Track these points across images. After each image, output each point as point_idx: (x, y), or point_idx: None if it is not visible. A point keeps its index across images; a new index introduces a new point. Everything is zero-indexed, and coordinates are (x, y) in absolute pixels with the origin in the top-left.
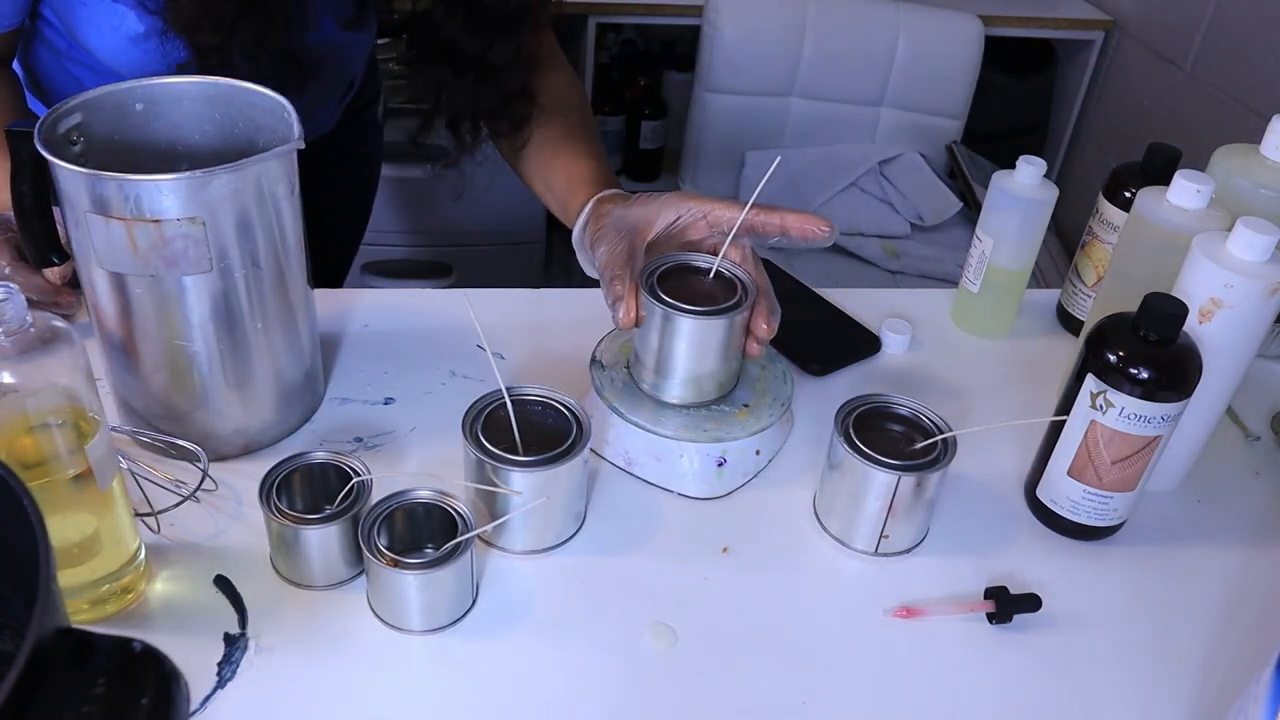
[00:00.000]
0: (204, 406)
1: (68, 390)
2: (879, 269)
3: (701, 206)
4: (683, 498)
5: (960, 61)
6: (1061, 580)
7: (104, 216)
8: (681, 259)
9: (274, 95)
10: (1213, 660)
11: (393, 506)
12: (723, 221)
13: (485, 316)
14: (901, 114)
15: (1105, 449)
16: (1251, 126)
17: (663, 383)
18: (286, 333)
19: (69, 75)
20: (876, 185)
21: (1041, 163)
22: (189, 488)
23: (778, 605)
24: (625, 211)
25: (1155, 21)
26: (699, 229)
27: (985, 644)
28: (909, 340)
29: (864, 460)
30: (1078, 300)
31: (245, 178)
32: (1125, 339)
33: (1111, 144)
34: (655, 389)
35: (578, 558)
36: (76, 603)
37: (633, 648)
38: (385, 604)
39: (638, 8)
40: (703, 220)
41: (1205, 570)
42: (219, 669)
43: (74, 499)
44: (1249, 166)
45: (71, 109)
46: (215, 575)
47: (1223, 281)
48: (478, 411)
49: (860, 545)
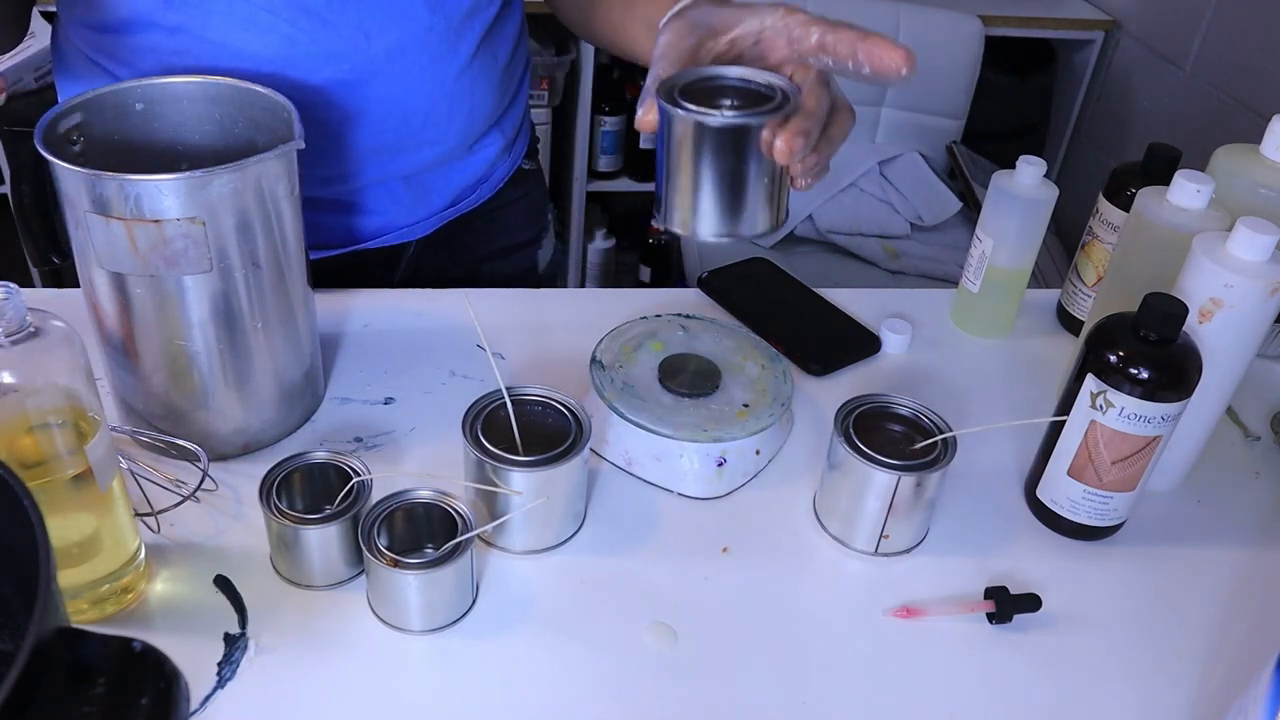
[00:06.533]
0: (204, 406)
1: (68, 390)
2: (879, 269)
3: (787, 19)
4: (683, 498)
5: (960, 61)
6: (1061, 580)
7: (104, 216)
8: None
9: (275, 95)
10: (1213, 660)
11: (393, 506)
12: (798, 38)
13: (485, 316)
14: (901, 114)
15: (1105, 449)
16: (1251, 126)
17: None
18: (286, 333)
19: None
20: (876, 185)
21: (1041, 163)
22: (189, 488)
23: (778, 605)
24: (714, 9)
25: (1155, 21)
26: (780, 47)
27: (985, 644)
28: (909, 340)
29: (864, 460)
30: (1078, 300)
31: (245, 178)
32: (1125, 339)
33: (1111, 144)
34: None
35: (578, 558)
36: (76, 603)
37: (633, 648)
38: (385, 604)
39: None
40: (784, 36)
41: (1205, 570)
42: (219, 669)
43: (74, 499)
44: (1249, 166)
45: (71, 109)
46: (215, 575)
47: (1223, 281)
48: (478, 411)
49: (860, 545)
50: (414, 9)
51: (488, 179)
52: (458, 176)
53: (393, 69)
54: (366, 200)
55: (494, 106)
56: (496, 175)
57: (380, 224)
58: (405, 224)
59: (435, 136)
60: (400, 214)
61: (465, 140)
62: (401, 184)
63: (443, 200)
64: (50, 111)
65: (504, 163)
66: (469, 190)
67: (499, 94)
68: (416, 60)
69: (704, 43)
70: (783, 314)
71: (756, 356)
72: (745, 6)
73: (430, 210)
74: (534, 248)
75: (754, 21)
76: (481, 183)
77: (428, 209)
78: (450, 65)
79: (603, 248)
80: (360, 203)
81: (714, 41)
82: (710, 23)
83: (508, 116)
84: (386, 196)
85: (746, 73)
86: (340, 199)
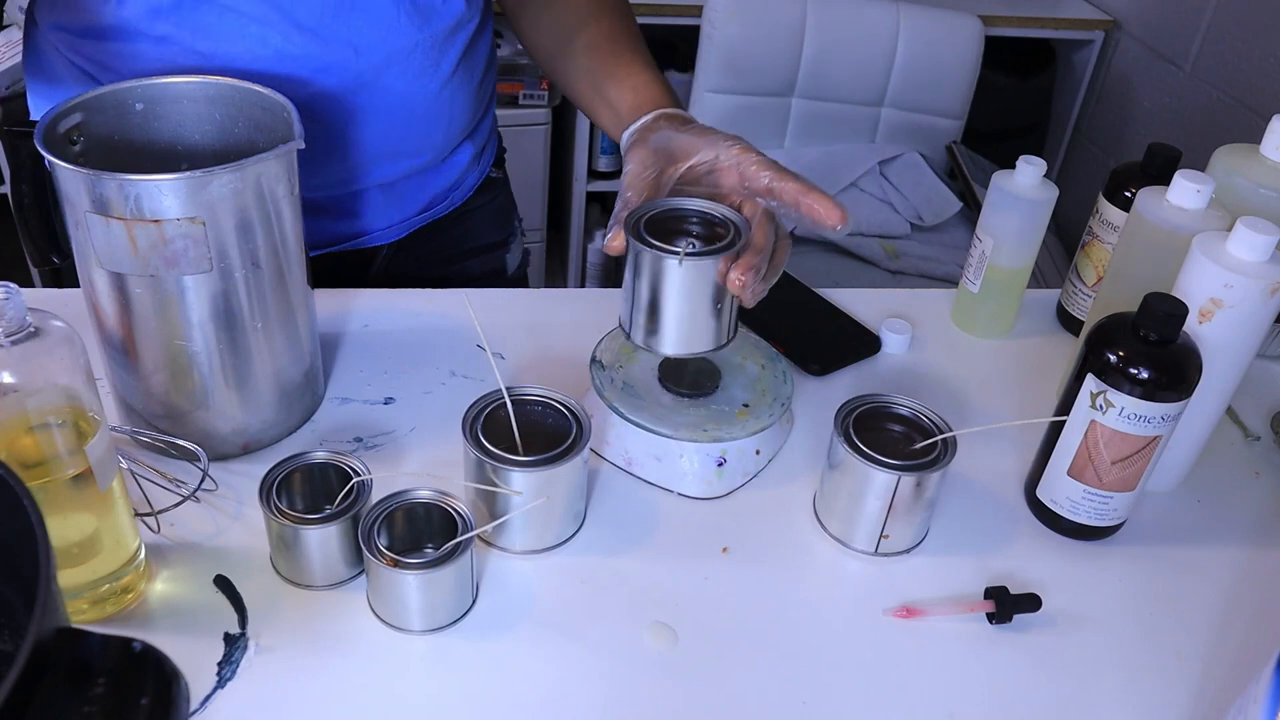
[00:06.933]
0: (204, 406)
1: (68, 390)
2: (879, 269)
3: (742, 156)
4: (683, 498)
5: (960, 61)
6: (1061, 580)
7: (104, 216)
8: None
9: (275, 95)
10: (1213, 660)
11: (393, 506)
12: (750, 177)
13: (485, 316)
14: (901, 114)
15: (1105, 449)
16: (1251, 126)
17: (641, 327)
18: (286, 333)
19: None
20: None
21: (1041, 163)
22: (189, 488)
23: (778, 605)
24: (673, 134)
25: (1155, 21)
26: (731, 176)
27: (985, 644)
28: (909, 340)
29: (864, 460)
30: (1078, 300)
31: (245, 178)
32: (1125, 339)
33: (1111, 144)
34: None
35: (578, 558)
36: (76, 603)
37: (633, 648)
38: (385, 604)
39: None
40: (735, 170)
41: (1205, 570)
42: (219, 669)
43: (74, 499)
44: (1249, 166)
45: (71, 109)
46: (215, 575)
47: (1223, 281)
48: (478, 411)
49: (860, 545)
50: (401, 26)
51: (459, 186)
52: (432, 184)
53: (379, 83)
54: (344, 205)
55: (469, 119)
56: (467, 183)
57: (356, 227)
58: (380, 228)
59: (416, 148)
60: (376, 218)
61: (443, 151)
62: (379, 191)
63: (417, 206)
64: (50, 111)
65: (474, 171)
66: (441, 197)
67: (474, 107)
68: (402, 75)
69: (665, 170)
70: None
71: (756, 356)
72: (702, 133)
73: (404, 215)
74: (502, 250)
75: (710, 151)
76: (454, 189)
77: (402, 214)
78: (434, 80)
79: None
80: (338, 208)
81: (674, 168)
82: (670, 149)
83: (480, 128)
84: (364, 202)
85: (703, 205)
86: (319, 204)
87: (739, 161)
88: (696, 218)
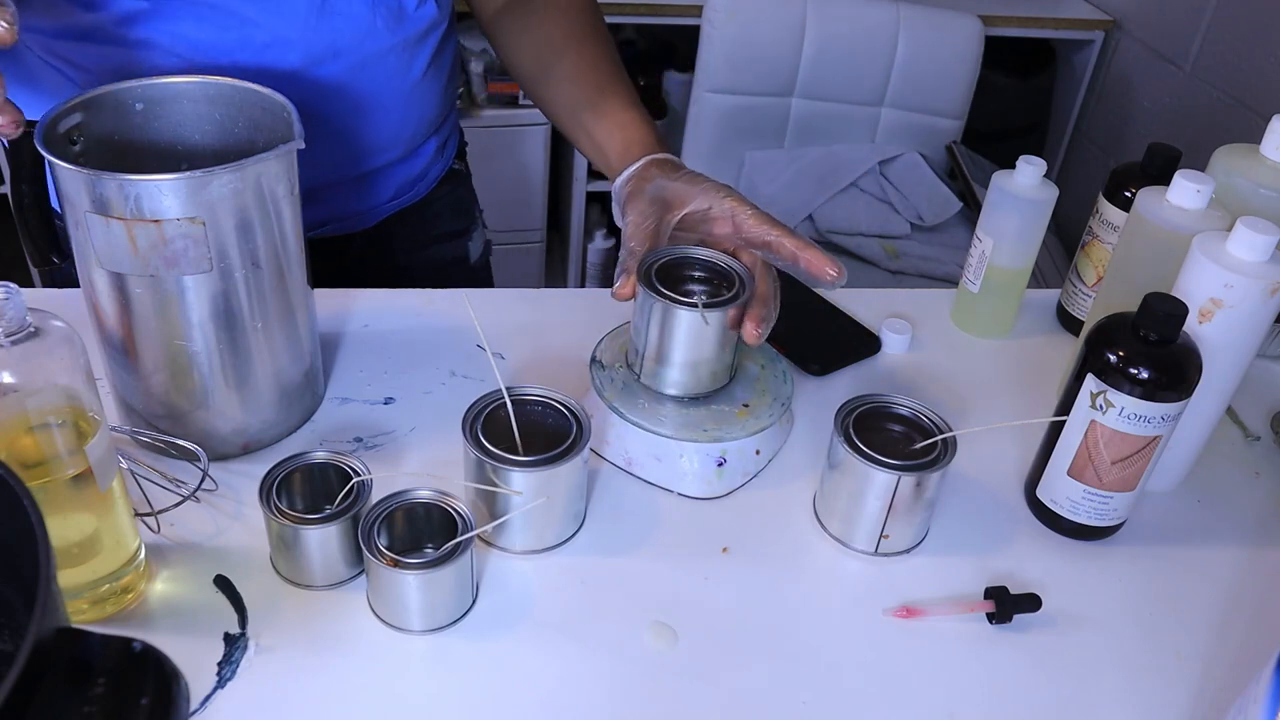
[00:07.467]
0: (204, 406)
1: (68, 390)
2: (879, 269)
3: (735, 208)
4: (683, 498)
5: (960, 61)
6: (1061, 580)
7: (104, 216)
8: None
9: (275, 95)
10: (1213, 660)
11: (393, 506)
12: (746, 230)
13: (485, 316)
14: (901, 114)
15: (1105, 449)
16: (1251, 126)
17: (652, 371)
18: (286, 333)
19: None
20: (876, 185)
21: (1041, 163)
22: (189, 488)
23: (778, 605)
24: (666, 183)
25: (1155, 21)
26: (724, 225)
27: (985, 644)
28: (909, 340)
29: (864, 460)
30: (1078, 300)
31: (245, 178)
32: (1125, 339)
33: (1111, 144)
34: (646, 377)
35: (578, 558)
36: (76, 603)
37: (633, 648)
38: (385, 604)
39: (638, 8)
40: (729, 221)
41: (1205, 570)
42: (219, 669)
43: (74, 499)
44: (1249, 166)
45: (71, 109)
46: (215, 575)
47: (1223, 281)
48: (478, 411)
49: (860, 545)
50: (377, 30)
51: (425, 177)
52: (400, 176)
53: (357, 84)
54: (319, 195)
55: (437, 115)
56: (432, 174)
57: (324, 215)
58: (351, 214)
59: (388, 143)
60: (348, 206)
61: (412, 146)
62: (351, 183)
63: (385, 196)
64: (50, 111)
65: (439, 163)
66: (408, 187)
67: (442, 103)
68: (376, 77)
69: (663, 218)
70: (782, 314)
71: (756, 356)
72: (693, 181)
73: (375, 203)
74: (464, 239)
75: (704, 201)
76: (419, 180)
77: (373, 202)
78: (406, 80)
79: (603, 248)
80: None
81: (670, 215)
82: (665, 197)
83: (445, 123)
84: (337, 193)
85: (707, 254)
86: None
87: (733, 213)
88: (700, 266)
